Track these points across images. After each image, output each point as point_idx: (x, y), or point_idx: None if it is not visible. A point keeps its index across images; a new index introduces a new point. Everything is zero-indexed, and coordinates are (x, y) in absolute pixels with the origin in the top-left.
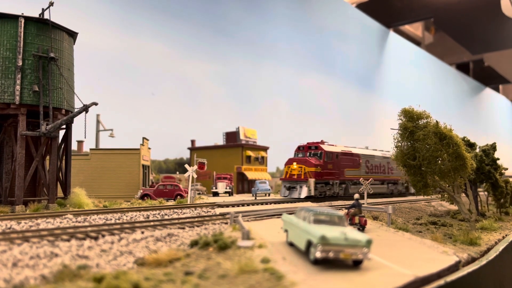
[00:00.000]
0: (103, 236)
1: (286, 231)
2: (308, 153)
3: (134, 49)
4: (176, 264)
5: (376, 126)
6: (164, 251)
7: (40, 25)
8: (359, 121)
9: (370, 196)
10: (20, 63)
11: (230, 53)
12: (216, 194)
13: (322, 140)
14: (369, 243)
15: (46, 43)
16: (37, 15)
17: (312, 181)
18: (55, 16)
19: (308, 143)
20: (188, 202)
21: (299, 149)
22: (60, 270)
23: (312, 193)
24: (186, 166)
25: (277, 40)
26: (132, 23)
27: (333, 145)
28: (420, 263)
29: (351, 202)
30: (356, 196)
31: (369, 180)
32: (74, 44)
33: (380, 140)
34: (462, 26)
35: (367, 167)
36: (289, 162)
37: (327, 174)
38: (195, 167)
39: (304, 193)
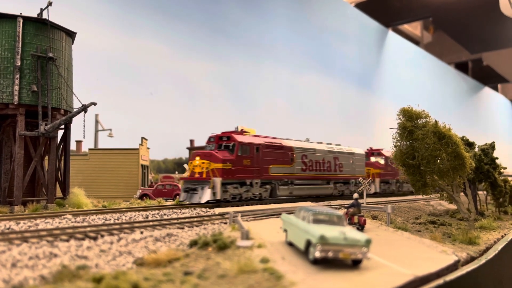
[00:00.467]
0: (102, 236)
1: (285, 230)
2: (218, 145)
3: (133, 49)
4: (175, 264)
5: (375, 125)
6: (163, 251)
7: (39, 25)
8: (359, 121)
9: (299, 199)
10: (18, 63)
11: (230, 53)
12: None
13: (242, 130)
14: (368, 242)
15: (44, 43)
16: (35, 15)
17: (217, 180)
18: (54, 16)
19: (222, 133)
20: (187, 202)
21: (210, 140)
22: (59, 271)
23: (218, 196)
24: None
25: (276, 40)
26: (131, 23)
27: (255, 136)
28: (419, 262)
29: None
30: (355, 195)
31: (369, 180)
32: (72, 44)
33: (379, 139)
34: (460, 26)
35: (304, 163)
36: (192, 156)
37: (242, 172)
38: None
39: (206, 196)
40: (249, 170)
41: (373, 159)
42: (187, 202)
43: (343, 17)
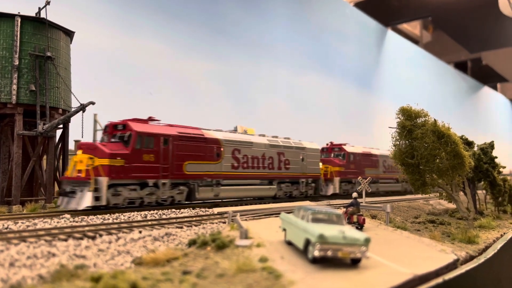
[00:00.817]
0: (101, 235)
1: (284, 230)
2: (112, 136)
3: (132, 48)
4: (174, 264)
5: (375, 124)
6: (162, 251)
7: (37, 24)
8: (358, 120)
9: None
10: (16, 62)
11: (230, 53)
12: None
13: (150, 117)
14: (367, 241)
15: (42, 42)
16: (33, 14)
17: (102, 180)
18: (52, 15)
19: (122, 121)
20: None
21: (105, 130)
22: (57, 270)
23: (103, 201)
24: None
25: (275, 39)
26: (130, 22)
27: (167, 125)
28: (418, 261)
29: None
30: (354, 195)
31: (367, 179)
32: (71, 43)
33: (379, 138)
34: (460, 25)
35: (236, 160)
36: (76, 149)
37: (142, 170)
38: None
39: (85, 201)
40: (153, 168)
41: (334, 155)
42: (63, 208)
43: (343, 16)
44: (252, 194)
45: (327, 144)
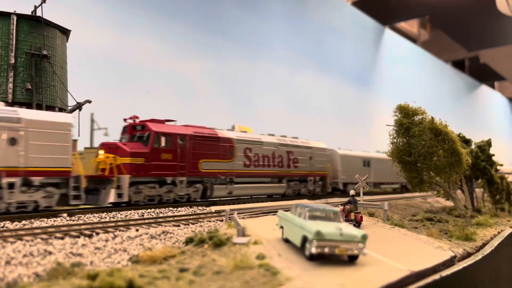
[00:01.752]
0: (97, 234)
1: (281, 227)
2: None
3: (128, 47)
4: (171, 261)
5: (373, 123)
6: (158, 249)
7: (33, 22)
8: (356, 119)
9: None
10: (12, 61)
11: (226, 52)
12: None
13: None
14: (364, 238)
15: (38, 40)
16: (29, 13)
17: None
18: (48, 13)
19: None
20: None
21: None
22: (53, 268)
23: None
24: None
25: (273, 38)
26: (127, 21)
27: None
28: (416, 258)
29: None
30: (352, 192)
31: (365, 177)
32: (67, 41)
33: (377, 137)
34: (457, 23)
35: None
36: None
37: None
38: None
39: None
40: None
41: (134, 138)
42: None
43: (340, 15)
44: None
45: (125, 120)
